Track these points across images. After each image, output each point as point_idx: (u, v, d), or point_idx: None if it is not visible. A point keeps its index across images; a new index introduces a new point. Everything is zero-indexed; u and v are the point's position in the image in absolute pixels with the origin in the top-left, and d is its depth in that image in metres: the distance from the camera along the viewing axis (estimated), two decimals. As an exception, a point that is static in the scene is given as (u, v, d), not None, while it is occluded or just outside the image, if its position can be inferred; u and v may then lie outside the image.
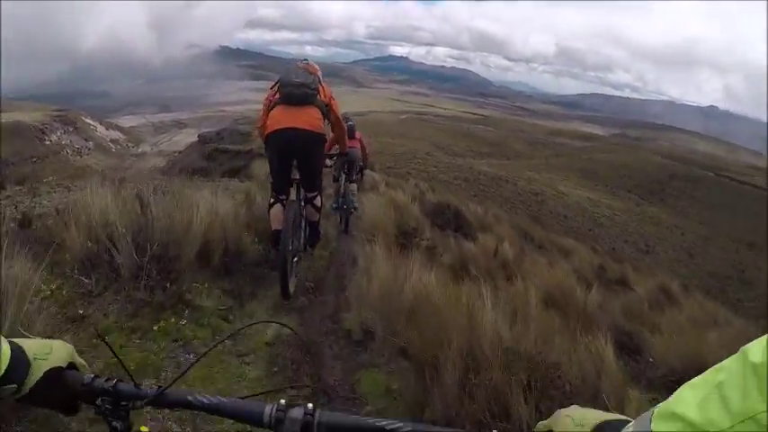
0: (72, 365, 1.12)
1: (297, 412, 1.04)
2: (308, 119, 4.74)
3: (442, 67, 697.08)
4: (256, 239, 5.42)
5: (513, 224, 17.20)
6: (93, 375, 1.09)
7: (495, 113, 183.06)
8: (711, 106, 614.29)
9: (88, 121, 78.28)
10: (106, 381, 1.08)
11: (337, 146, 6.28)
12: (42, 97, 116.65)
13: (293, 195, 5.23)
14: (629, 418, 0.93)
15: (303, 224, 5.35)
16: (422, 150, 66.07)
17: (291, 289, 4.81)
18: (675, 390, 0.79)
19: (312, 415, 1.04)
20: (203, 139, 51.29)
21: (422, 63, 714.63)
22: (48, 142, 63.28)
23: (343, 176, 8.46)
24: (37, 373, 1.04)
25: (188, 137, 77.58)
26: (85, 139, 71.11)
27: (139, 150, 79.56)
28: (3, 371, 1.00)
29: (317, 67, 5.23)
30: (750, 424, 0.69)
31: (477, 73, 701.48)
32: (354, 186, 8.69)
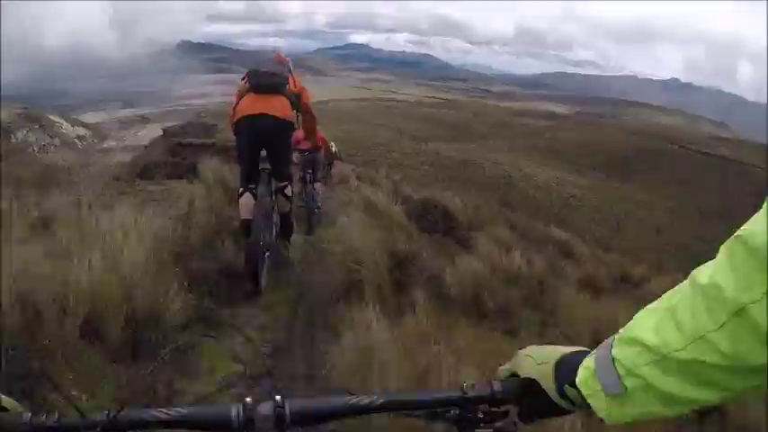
0: (2, 408, 0.97)
1: (266, 408, 1.00)
2: (276, 106, 4.73)
3: (403, 52, 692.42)
4: (186, 284, 3.67)
5: (497, 215, 15.92)
6: (30, 413, 0.96)
7: (458, 97, 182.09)
8: (673, 79, 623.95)
9: (53, 118, 78.11)
10: (46, 416, 0.95)
11: (307, 141, 6.35)
12: (5, 97, 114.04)
13: (263, 187, 5.00)
14: (588, 349, 0.97)
15: (275, 216, 5.31)
16: (386, 137, 64.95)
17: (263, 284, 4.63)
18: None
19: (282, 407, 1.00)
20: (168, 134, 50.64)
21: (382, 50, 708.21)
22: (13, 140, 63.30)
23: (309, 176, 8.34)
24: None
25: (153, 131, 77.02)
26: (51, 137, 71.24)
27: (105, 146, 79.24)
28: None
29: (287, 58, 5.30)
30: (700, 344, 0.73)
31: (438, 57, 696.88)
32: (319, 185, 8.61)
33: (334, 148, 13.35)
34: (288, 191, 5.18)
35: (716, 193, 57.08)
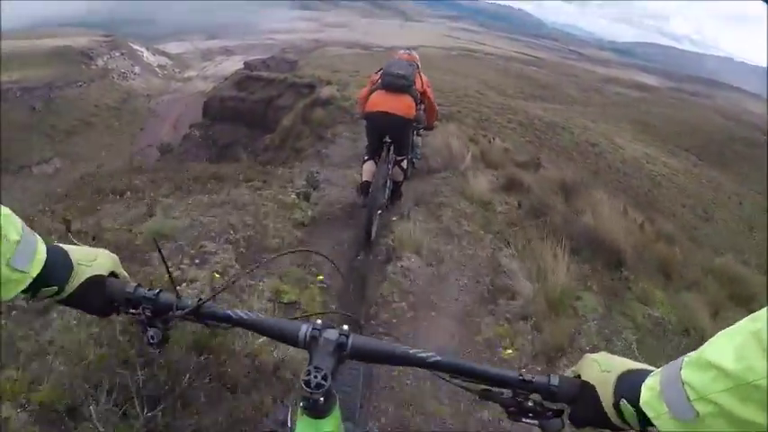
0: (113, 275, 1.18)
1: (332, 333, 1.10)
2: (401, 105, 5.69)
3: (495, 3, 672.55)
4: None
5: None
6: (136, 284, 1.15)
7: (548, 56, 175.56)
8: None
9: (135, 46, 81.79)
10: (149, 290, 1.14)
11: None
12: (89, 24, 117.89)
13: (384, 157, 5.94)
14: (654, 368, 0.96)
15: (389, 183, 6.29)
16: (472, 88, 62.50)
17: (373, 235, 5.74)
18: None
19: (347, 336, 1.10)
20: (249, 67, 50.94)
21: (474, 0, 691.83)
22: (94, 67, 66.20)
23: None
24: (79, 277, 1.10)
25: (235, 64, 78.89)
26: (132, 64, 73.83)
27: (186, 75, 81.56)
28: (38, 271, 1.04)
29: (416, 56, 6.38)
30: None
31: (530, 13, 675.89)
32: (419, 139, 8.83)
33: None
34: (404, 164, 6.28)
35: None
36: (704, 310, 5.67)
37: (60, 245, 1.10)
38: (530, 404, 1.06)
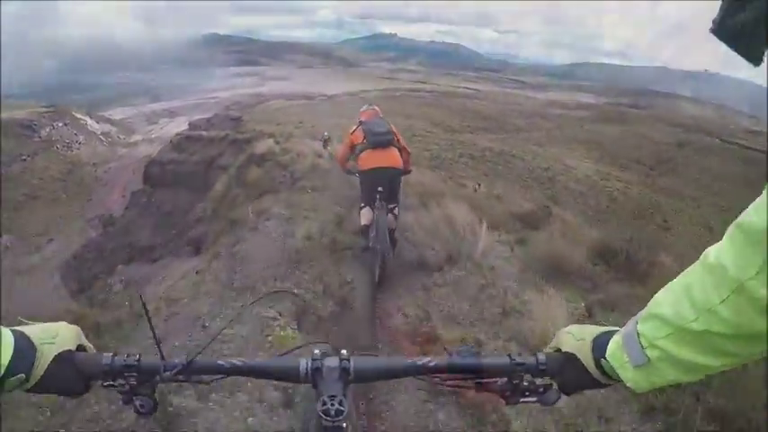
0: (81, 348, 1.09)
1: (332, 361, 1.10)
2: (392, 159, 6.33)
3: (432, 42, 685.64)
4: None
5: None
6: (111, 354, 1.07)
7: (489, 87, 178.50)
8: (705, 71, 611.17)
9: (78, 115, 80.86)
10: (127, 357, 1.06)
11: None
12: (31, 94, 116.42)
13: (380, 207, 6.38)
14: (619, 328, 1.08)
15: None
16: (419, 127, 62.54)
17: (377, 278, 6.21)
18: None
19: (348, 360, 1.10)
20: (194, 127, 50.70)
21: (411, 40, 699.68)
22: (37, 139, 65.03)
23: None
24: (46, 358, 0.99)
25: (180, 125, 77.48)
26: (76, 134, 72.66)
27: (132, 140, 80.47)
28: (7, 362, 0.94)
29: (378, 109, 7.25)
30: (709, 316, 0.83)
31: (468, 47, 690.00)
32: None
33: (326, 135, 13.01)
34: (396, 211, 6.58)
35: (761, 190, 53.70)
36: None
37: (15, 328, 0.98)
38: (525, 384, 1.12)
